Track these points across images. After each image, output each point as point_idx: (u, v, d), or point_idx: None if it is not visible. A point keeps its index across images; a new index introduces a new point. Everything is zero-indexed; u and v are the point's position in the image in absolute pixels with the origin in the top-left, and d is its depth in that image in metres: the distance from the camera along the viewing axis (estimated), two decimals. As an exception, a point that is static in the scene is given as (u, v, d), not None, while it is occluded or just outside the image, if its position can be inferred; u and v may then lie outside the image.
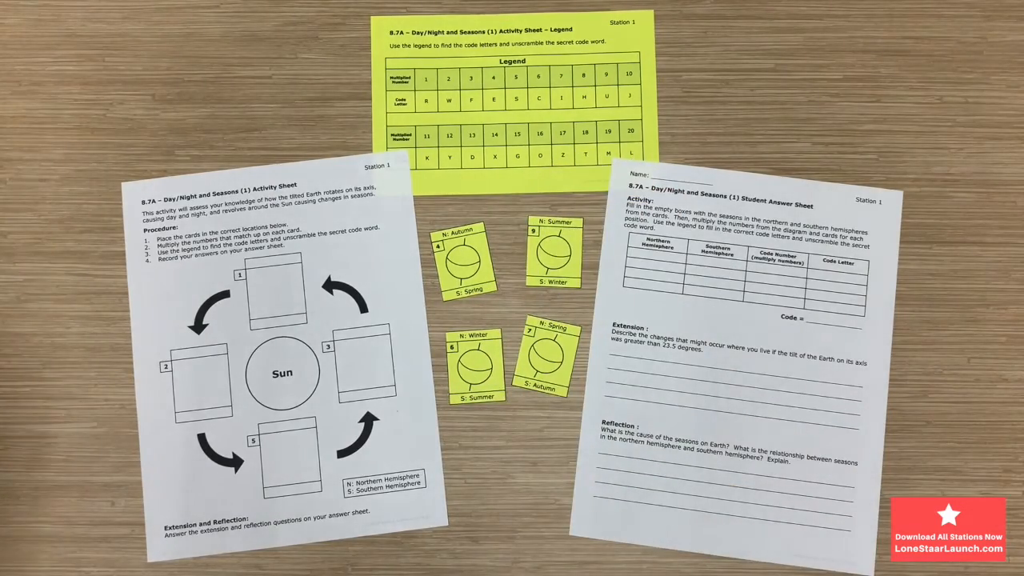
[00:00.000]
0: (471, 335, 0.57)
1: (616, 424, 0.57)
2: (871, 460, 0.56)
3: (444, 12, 0.60)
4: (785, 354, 0.57)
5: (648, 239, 0.58)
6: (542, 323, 0.58)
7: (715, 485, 0.56)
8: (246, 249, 0.58)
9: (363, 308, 0.58)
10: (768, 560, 0.56)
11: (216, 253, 0.58)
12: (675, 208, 0.58)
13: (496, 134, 0.59)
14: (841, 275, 0.57)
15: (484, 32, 0.60)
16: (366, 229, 0.58)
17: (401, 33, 0.60)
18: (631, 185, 0.58)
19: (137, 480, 0.57)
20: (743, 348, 0.57)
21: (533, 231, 0.58)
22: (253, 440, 0.57)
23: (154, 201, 0.58)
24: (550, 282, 0.58)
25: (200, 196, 0.58)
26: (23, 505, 0.57)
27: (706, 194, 0.58)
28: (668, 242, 0.58)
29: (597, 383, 0.57)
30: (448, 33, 0.60)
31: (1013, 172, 0.58)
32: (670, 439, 0.57)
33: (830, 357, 0.57)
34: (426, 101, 0.59)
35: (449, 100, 0.59)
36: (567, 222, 0.58)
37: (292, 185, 0.59)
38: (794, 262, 0.58)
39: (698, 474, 0.56)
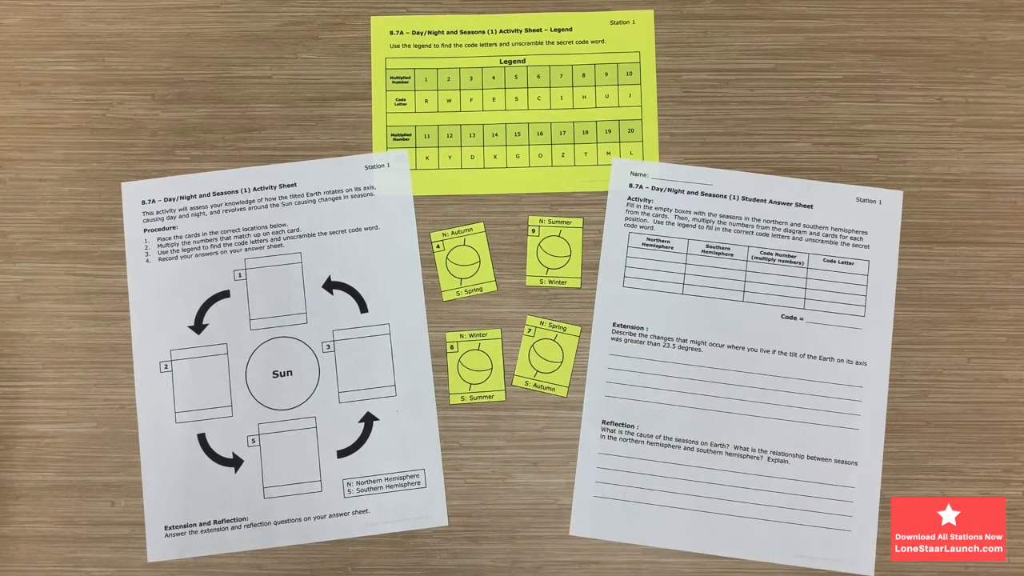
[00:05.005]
0: (471, 335, 0.57)
1: (616, 424, 0.57)
2: (871, 460, 0.56)
3: (444, 12, 0.60)
4: (785, 354, 0.57)
5: (648, 239, 0.58)
6: (542, 323, 0.58)
7: (715, 485, 0.56)
8: (246, 249, 0.58)
9: (363, 308, 0.58)
10: (768, 560, 0.56)
11: (216, 253, 0.58)
12: (675, 208, 0.58)
13: (496, 134, 0.59)
14: (841, 275, 0.57)
15: (484, 32, 0.60)
16: (366, 229, 0.58)
17: (401, 33, 0.60)
18: (631, 185, 0.58)
19: (137, 480, 0.57)
20: (743, 348, 0.57)
21: (533, 231, 0.58)
22: (253, 440, 0.57)
23: (154, 201, 0.58)
24: (550, 282, 0.58)
25: (200, 196, 0.58)
26: (23, 505, 0.57)
27: (706, 194, 0.58)
28: (668, 242, 0.58)
29: (597, 383, 0.57)
30: (448, 33, 0.60)
31: (1013, 172, 0.58)
32: (670, 439, 0.57)
33: (830, 357, 0.57)
34: (426, 101, 0.59)
35: (449, 100, 0.59)
36: (567, 222, 0.58)
37: (292, 185, 0.59)
38: (794, 262, 0.58)
39: (698, 474, 0.56)
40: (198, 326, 0.58)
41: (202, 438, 0.57)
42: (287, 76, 0.59)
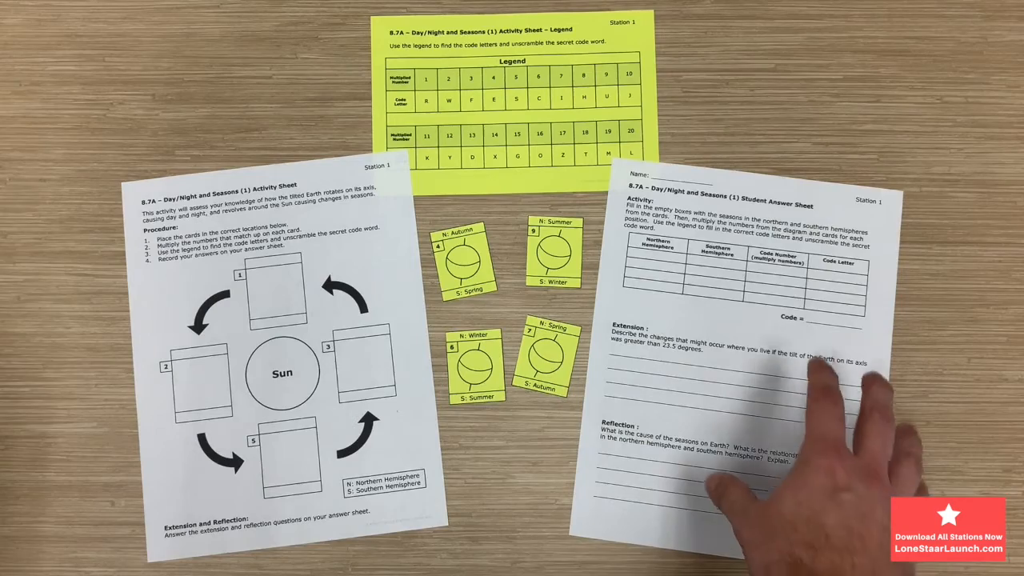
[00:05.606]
0: (471, 335, 0.57)
1: (616, 424, 0.57)
2: (871, 460, 0.56)
3: (444, 12, 0.60)
4: (785, 354, 0.57)
5: (648, 239, 0.58)
6: (542, 323, 0.58)
7: (715, 485, 0.56)
8: (246, 249, 0.58)
9: (363, 308, 0.58)
10: (768, 560, 0.56)
11: (216, 253, 0.58)
12: (675, 208, 0.58)
13: (496, 134, 0.59)
14: (841, 275, 0.57)
15: (484, 32, 0.60)
16: (366, 229, 0.58)
17: (401, 33, 0.60)
18: (631, 185, 0.58)
19: (137, 480, 0.57)
20: (743, 348, 0.57)
21: (533, 231, 0.58)
22: (253, 440, 0.57)
23: (154, 201, 0.58)
24: (550, 282, 0.58)
25: (200, 196, 0.58)
26: (23, 505, 0.57)
27: (706, 194, 0.58)
28: (668, 242, 0.58)
29: (597, 383, 0.57)
30: (448, 33, 0.60)
31: (1013, 172, 0.58)
32: (670, 439, 0.57)
33: (830, 357, 0.57)
34: (426, 101, 0.59)
35: (449, 100, 0.59)
36: (567, 222, 0.58)
37: (292, 185, 0.59)
38: (794, 262, 0.58)
39: (698, 474, 0.56)
40: (198, 326, 0.58)
41: (202, 438, 0.57)
42: (287, 76, 0.59)
